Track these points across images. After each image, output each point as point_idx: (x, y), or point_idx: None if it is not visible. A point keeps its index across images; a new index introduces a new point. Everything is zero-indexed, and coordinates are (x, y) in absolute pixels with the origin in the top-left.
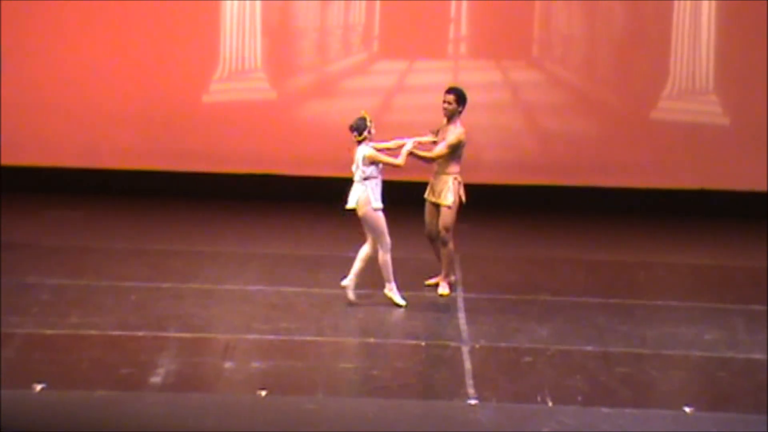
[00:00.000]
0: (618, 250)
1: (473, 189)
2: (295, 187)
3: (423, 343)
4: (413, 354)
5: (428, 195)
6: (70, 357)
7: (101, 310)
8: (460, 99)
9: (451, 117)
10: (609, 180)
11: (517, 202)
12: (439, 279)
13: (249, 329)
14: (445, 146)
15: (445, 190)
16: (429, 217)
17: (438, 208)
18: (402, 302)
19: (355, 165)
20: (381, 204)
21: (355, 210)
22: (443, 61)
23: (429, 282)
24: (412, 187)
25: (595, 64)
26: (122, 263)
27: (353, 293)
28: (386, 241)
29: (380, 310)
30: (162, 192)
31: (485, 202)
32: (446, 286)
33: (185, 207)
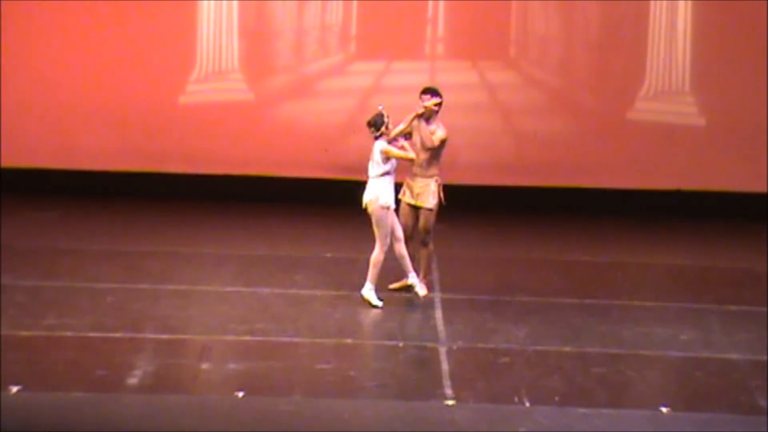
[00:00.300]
0: (594, 251)
1: (450, 190)
2: (272, 187)
3: (400, 344)
4: (390, 355)
5: (404, 196)
6: (46, 359)
7: (77, 312)
8: (437, 98)
9: (429, 117)
10: (585, 180)
11: (493, 203)
12: (404, 282)
13: (226, 330)
14: (438, 139)
15: (426, 193)
16: (405, 218)
17: (416, 210)
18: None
19: (372, 161)
20: (393, 203)
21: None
22: (420, 62)
23: (394, 285)
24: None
25: (572, 64)
26: (98, 264)
27: (376, 297)
28: (387, 242)
29: (357, 311)
30: (138, 193)
31: (462, 203)
32: (424, 286)
33: (161, 208)
